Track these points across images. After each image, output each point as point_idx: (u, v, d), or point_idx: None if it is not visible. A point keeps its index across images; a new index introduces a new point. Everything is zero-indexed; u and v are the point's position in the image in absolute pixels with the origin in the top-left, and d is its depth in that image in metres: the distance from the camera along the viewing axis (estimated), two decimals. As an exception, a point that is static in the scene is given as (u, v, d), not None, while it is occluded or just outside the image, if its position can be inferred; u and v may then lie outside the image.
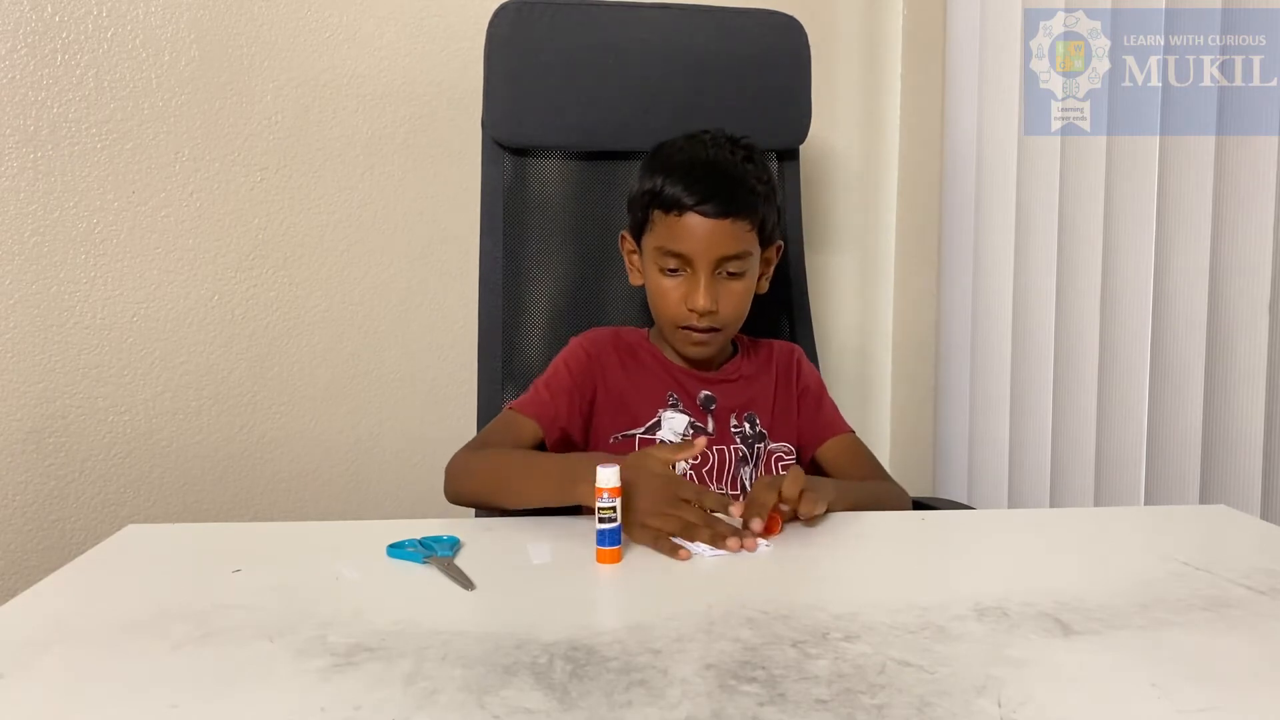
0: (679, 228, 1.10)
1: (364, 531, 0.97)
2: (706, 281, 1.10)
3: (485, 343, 1.33)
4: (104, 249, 1.51)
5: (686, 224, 1.09)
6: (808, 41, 1.39)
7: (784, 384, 1.22)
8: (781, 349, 1.25)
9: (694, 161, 1.12)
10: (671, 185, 1.10)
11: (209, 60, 1.52)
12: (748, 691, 0.60)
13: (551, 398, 1.13)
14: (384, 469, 1.68)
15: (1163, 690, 0.61)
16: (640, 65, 1.34)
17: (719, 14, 1.37)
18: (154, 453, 1.56)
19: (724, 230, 1.09)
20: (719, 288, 1.11)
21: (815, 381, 1.25)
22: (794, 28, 1.38)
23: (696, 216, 1.09)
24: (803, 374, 1.24)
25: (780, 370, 1.23)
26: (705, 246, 1.09)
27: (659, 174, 1.12)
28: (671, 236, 1.11)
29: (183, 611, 0.73)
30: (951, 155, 1.76)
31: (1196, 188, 1.29)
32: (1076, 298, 1.50)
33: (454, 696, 0.60)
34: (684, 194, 1.09)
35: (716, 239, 1.09)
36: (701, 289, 1.09)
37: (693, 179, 1.10)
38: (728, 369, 1.20)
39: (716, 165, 1.12)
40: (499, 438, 1.11)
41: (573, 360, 1.17)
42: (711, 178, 1.10)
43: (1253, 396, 1.23)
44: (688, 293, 1.11)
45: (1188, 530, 1.00)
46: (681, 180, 1.10)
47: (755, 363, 1.23)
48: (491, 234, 1.33)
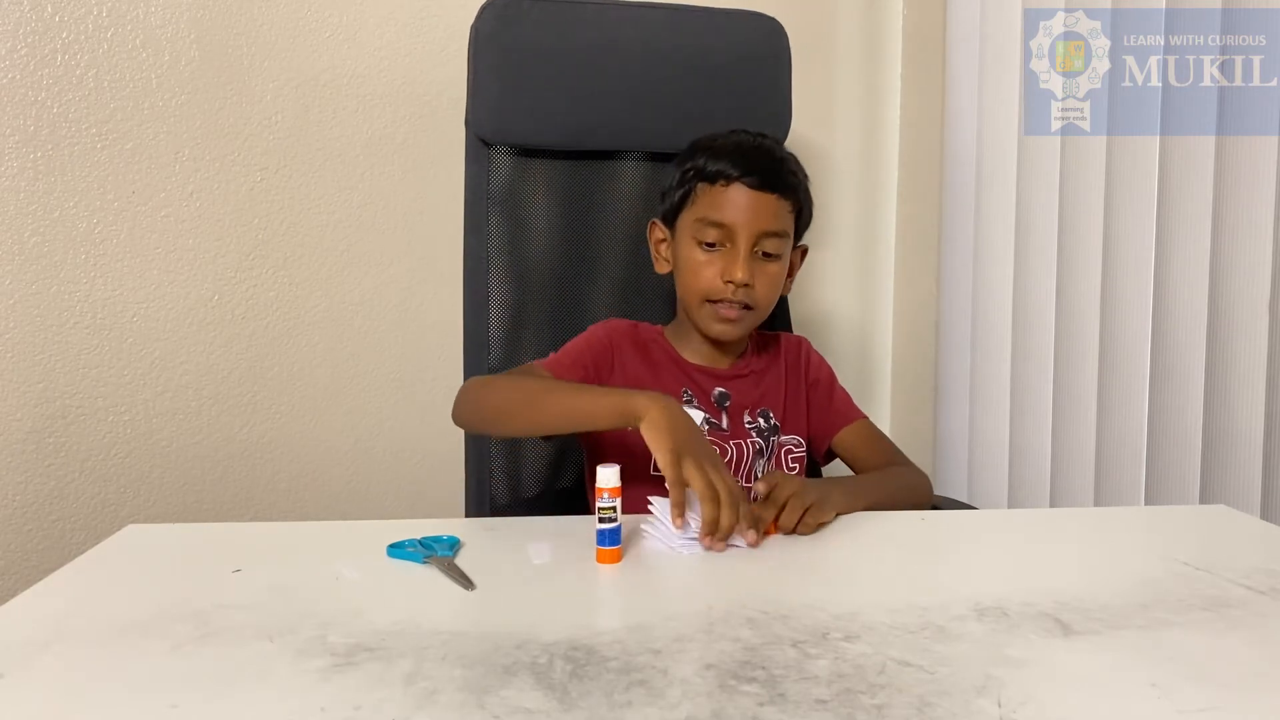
0: (723, 198, 1.12)
1: (364, 531, 0.97)
2: (746, 254, 1.11)
3: (470, 343, 1.32)
4: (104, 249, 1.51)
5: (731, 194, 1.12)
6: (788, 43, 1.39)
7: (794, 377, 1.23)
8: (790, 341, 1.26)
9: (739, 143, 1.16)
10: (716, 160, 1.13)
11: (209, 60, 1.52)
12: (748, 691, 0.60)
13: (570, 366, 1.14)
14: (384, 469, 1.68)
15: (1163, 690, 0.61)
16: (624, 64, 1.34)
17: (702, 14, 1.38)
18: (154, 453, 1.56)
19: (768, 204, 1.12)
20: (755, 266, 1.12)
21: (825, 373, 1.25)
22: (775, 29, 1.39)
23: (741, 186, 1.12)
24: (812, 365, 1.25)
25: (789, 363, 1.23)
26: (748, 218, 1.11)
27: (701, 155, 1.15)
28: (714, 206, 1.12)
29: (183, 611, 0.73)
30: (951, 155, 1.76)
31: (1196, 188, 1.29)
32: (1076, 297, 1.50)
33: (454, 696, 0.60)
34: (730, 166, 1.12)
35: (760, 211, 1.11)
36: (741, 260, 1.11)
37: (739, 153, 1.14)
38: (740, 365, 1.21)
39: (759, 146, 1.16)
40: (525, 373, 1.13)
41: (594, 340, 1.18)
42: (757, 153, 1.14)
43: (1253, 396, 1.23)
44: (725, 266, 1.12)
45: (1188, 530, 1.00)
46: (728, 155, 1.13)
47: (766, 357, 1.23)
48: (475, 232, 1.33)
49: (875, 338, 1.90)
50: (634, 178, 1.38)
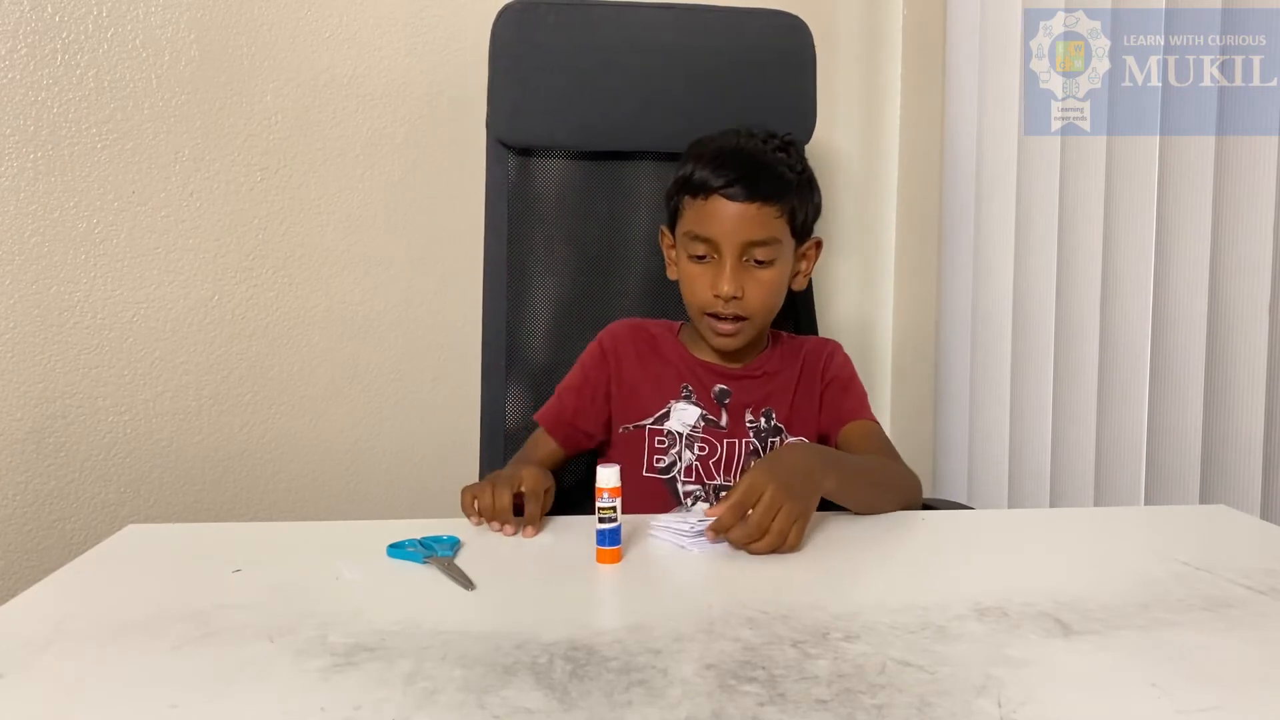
0: (704, 211, 1.11)
1: (364, 531, 0.97)
2: (732, 266, 1.10)
3: (489, 342, 1.33)
4: (104, 249, 1.51)
5: (712, 207, 1.11)
6: (813, 42, 1.39)
7: (809, 378, 1.20)
8: (816, 344, 1.24)
9: (723, 149, 1.14)
10: (700, 170, 1.12)
11: (209, 60, 1.52)
12: (748, 691, 0.60)
13: (559, 397, 1.19)
14: (384, 469, 1.68)
15: (1163, 690, 0.61)
16: (644, 65, 1.34)
17: (724, 14, 1.37)
18: (154, 453, 1.56)
19: (750, 215, 1.10)
20: (746, 276, 1.11)
21: (845, 372, 1.22)
22: (799, 28, 1.38)
23: (722, 200, 1.10)
24: (833, 365, 1.22)
25: (808, 364, 1.21)
26: (731, 230, 1.10)
27: (690, 162, 1.14)
28: (698, 220, 1.12)
29: (183, 611, 0.73)
30: (951, 155, 1.75)
31: (1196, 188, 1.28)
32: (1076, 298, 1.49)
33: (454, 696, 0.60)
34: (711, 177, 1.11)
35: (742, 223, 1.10)
36: (726, 273, 1.10)
37: (720, 163, 1.11)
38: (753, 365, 1.19)
39: (744, 151, 1.13)
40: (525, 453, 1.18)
41: (587, 358, 1.20)
42: (739, 163, 1.12)
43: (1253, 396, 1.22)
44: (713, 280, 1.11)
45: (1188, 530, 1.00)
46: (709, 165, 1.12)
47: (784, 359, 1.21)
48: (496, 233, 1.34)
49: (875, 338, 1.90)
50: (655, 179, 1.38)
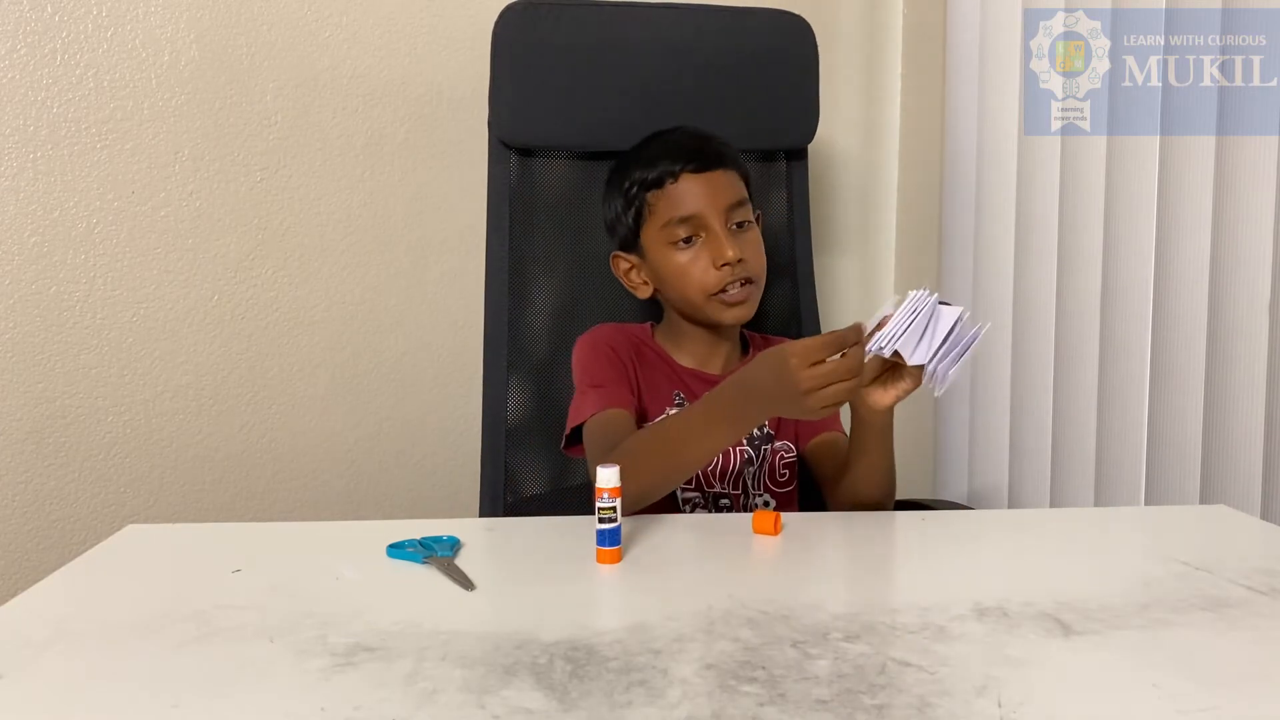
0: (678, 194, 1.13)
1: (364, 531, 0.97)
2: (726, 233, 1.11)
3: (491, 341, 1.33)
4: (104, 249, 1.51)
5: (684, 186, 1.13)
6: (815, 41, 1.39)
7: None
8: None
9: (664, 141, 1.17)
10: (653, 165, 1.14)
11: (209, 60, 1.52)
12: (748, 691, 0.60)
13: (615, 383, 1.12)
14: (384, 469, 1.68)
15: (1163, 690, 0.61)
16: (647, 65, 1.34)
17: (726, 14, 1.37)
18: (154, 453, 1.56)
19: (720, 180, 1.13)
20: (738, 239, 1.12)
21: None
22: (802, 28, 1.38)
23: (690, 176, 1.13)
24: None
25: None
26: (710, 199, 1.12)
27: (634, 168, 1.16)
28: (675, 204, 1.13)
29: (183, 611, 0.73)
30: (951, 155, 1.76)
31: (1196, 188, 1.28)
32: (1076, 298, 1.49)
33: (454, 696, 0.60)
34: (670, 162, 1.13)
35: (717, 189, 1.13)
36: (723, 240, 1.11)
37: (670, 150, 1.15)
38: (731, 370, 1.18)
39: (683, 133, 1.18)
40: (613, 439, 1.04)
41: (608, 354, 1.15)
42: (687, 143, 1.15)
43: (1253, 396, 1.23)
44: (712, 254, 1.11)
45: (1188, 530, 1.00)
46: (661, 155, 1.14)
47: None
48: (498, 233, 1.34)
49: (875, 337, 1.90)
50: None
